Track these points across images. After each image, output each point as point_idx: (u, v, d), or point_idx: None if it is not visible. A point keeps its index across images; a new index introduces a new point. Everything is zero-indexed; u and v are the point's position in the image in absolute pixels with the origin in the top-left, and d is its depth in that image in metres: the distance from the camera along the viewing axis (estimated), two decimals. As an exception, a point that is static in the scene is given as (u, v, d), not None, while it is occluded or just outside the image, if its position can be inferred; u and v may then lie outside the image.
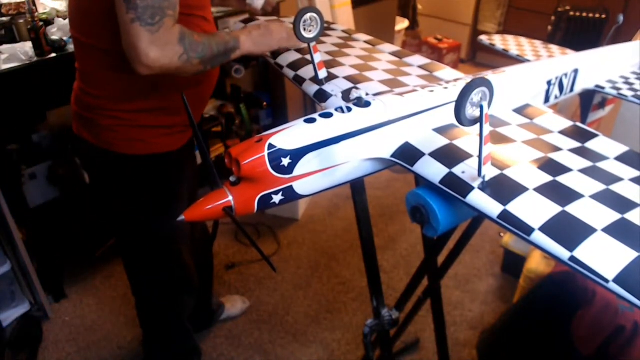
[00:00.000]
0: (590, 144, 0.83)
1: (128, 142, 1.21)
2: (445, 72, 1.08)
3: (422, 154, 0.77)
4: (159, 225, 1.33)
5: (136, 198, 1.31)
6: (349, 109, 0.77)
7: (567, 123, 0.89)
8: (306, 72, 1.07)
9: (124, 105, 1.17)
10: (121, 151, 1.21)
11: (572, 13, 3.47)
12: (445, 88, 0.88)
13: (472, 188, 0.68)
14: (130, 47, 0.96)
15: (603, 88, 1.18)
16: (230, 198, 0.69)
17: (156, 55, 0.97)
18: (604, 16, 3.40)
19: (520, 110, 0.94)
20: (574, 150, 0.80)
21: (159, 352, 1.64)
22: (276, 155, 0.69)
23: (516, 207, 0.65)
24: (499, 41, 1.56)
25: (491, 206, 0.66)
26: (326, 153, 0.73)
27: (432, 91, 0.86)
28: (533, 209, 0.65)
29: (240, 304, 2.07)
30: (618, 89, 1.17)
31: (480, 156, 0.67)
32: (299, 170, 0.72)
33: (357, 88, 0.98)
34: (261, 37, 1.15)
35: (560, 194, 0.68)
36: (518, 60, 1.42)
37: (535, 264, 1.83)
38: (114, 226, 1.41)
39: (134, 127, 1.19)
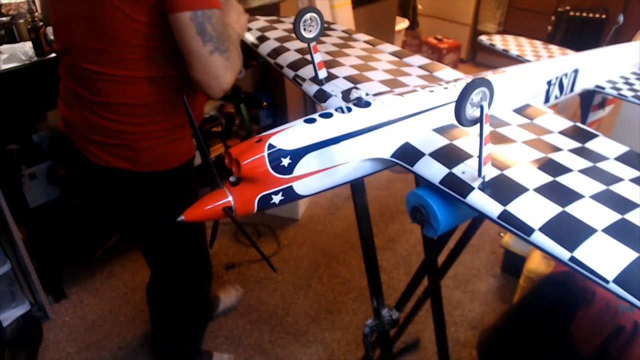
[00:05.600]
0: (590, 144, 0.83)
1: (165, 158, 1.23)
2: (445, 72, 1.08)
3: (422, 154, 0.77)
4: (193, 226, 1.36)
5: (173, 207, 1.31)
6: (349, 109, 0.77)
7: (567, 123, 0.89)
8: (306, 72, 1.07)
9: (162, 125, 1.19)
10: (159, 168, 1.23)
11: (572, 13, 3.47)
12: (445, 88, 0.88)
13: (472, 188, 0.68)
14: (212, 77, 1.02)
15: (603, 88, 1.18)
16: (230, 198, 0.69)
17: (231, 78, 1.05)
18: (604, 16, 3.40)
19: (520, 111, 0.94)
20: (574, 151, 0.80)
21: (179, 343, 1.67)
22: (276, 156, 0.69)
23: (516, 208, 0.65)
24: (499, 41, 1.56)
25: (491, 206, 0.66)
26: (326, 153, 0.73)
27: (432, 91, 0.86)
28: (533, 209, 0.65)
29: (234, 291, 2.08)
30: (618, 89, 1.17)
31: (480, 156, 0.67)
32: (299, 170, 0.72)
33: (357, 88, 0.98)
34: (238, 18, 1.20)
35: (561, 194, 0.68)
36: (518, 60, 1.42)
37: (535, 264, 1.83)
38: (142, 235, 1.41)
39: (171, 142, 1.22)
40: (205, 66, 1.01)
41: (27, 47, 1.75)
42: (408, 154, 0.78)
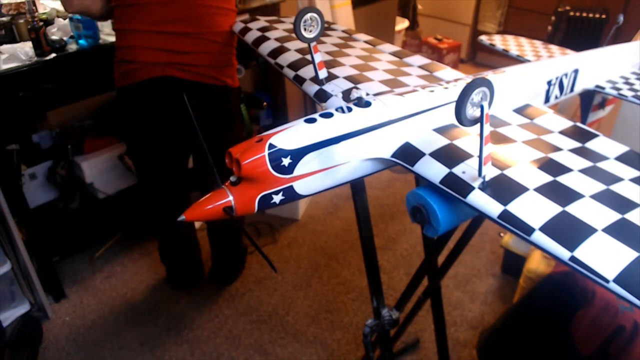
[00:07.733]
0: (590, 144, 0.83)
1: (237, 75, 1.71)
2: (445, 72, 1.08)
3: (422, 154, 0.77)
4: None
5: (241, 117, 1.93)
6: (349, 109, 0.77)
7: (567, 123, 0.89)
8: (306, 72, 1.07)
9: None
10: (239, 84, 1.71)
11: (572, 13, 3.47)
12: (446, 88, 0.88)
13: (473, 188, 0.68)
14: None
15: (603, 88, 1.18)
16: (231, 198, 0.69)
17: None
18: (604, 16, 3.40)
19: (520, 110, 0.94)
20: (574, 150, 0.80)
21: None
22: (276, 155, 0.69)
23: (516, 207, 0.65)
24: (499, 41, 1.56)
25: (491, 206, 0.66)
26: (326, 153, 0.73)
27: (432, 91, 0.86)
28: (533, 209, 0.65)
29: None
30: (618, 89, 1.17)
31: (480, 156, 0.67)
32: (299, 170, 0.72)
33: (357, 88, 0.98)
34: None
35: (561, 194, 0.68)
36: (518, 60, 1.42)
37: (535, 264, 1.83)
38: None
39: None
40: None
41: (27, 47, 1.76)
42: (408, 153, 0.78)
